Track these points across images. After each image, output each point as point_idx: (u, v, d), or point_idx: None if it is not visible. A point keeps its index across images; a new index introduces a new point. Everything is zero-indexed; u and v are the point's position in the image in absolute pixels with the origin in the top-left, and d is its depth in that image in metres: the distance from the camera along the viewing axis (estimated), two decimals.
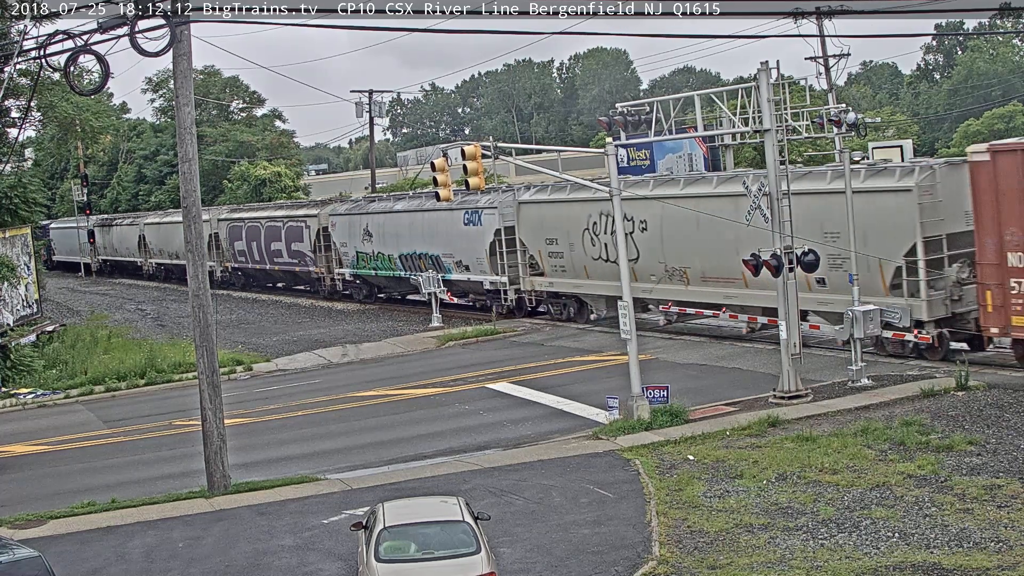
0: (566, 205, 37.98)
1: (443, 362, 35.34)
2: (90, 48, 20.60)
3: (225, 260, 60.55)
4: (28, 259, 43.56)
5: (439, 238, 43.01)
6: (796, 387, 25.20)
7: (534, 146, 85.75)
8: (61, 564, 17.24)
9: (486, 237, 40.68)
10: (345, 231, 49.65)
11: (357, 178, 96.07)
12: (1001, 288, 25.29)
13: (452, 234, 42.33)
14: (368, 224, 47.61)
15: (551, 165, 43.59)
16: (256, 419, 29.20)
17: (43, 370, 37.60)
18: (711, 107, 29.38)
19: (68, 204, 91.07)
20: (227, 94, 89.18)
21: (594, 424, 25.04)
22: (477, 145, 24.97)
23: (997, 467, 19.12)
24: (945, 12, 44.21)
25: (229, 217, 60.37)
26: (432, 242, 43.41)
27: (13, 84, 41.43)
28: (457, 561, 14.38)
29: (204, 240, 22.64)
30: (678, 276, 33.70)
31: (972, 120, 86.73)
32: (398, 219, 45.60)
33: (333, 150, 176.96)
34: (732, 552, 16.28)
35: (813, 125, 27.85)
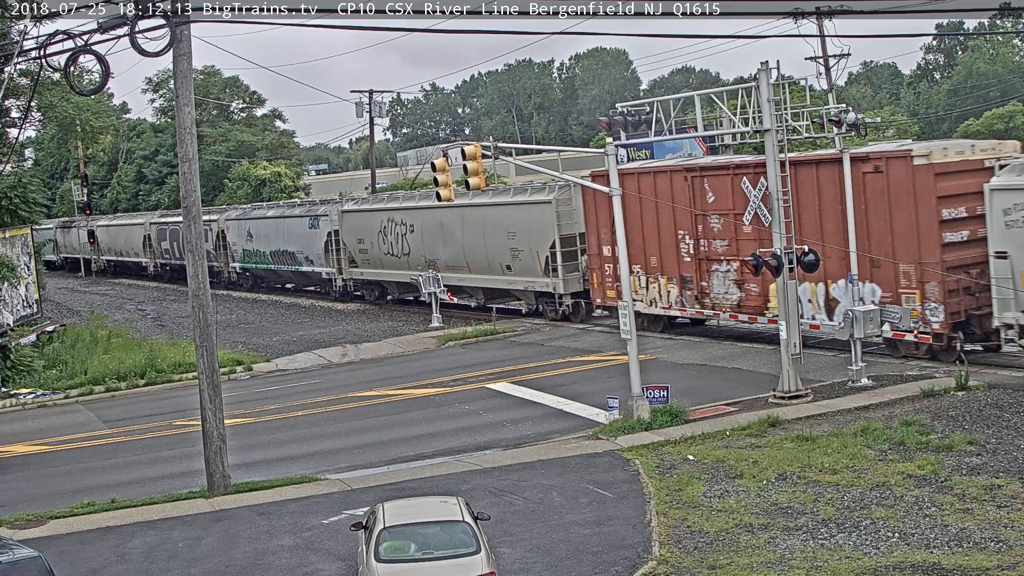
0: (369, 214, 49.27)
1: (443, 362, 35.34)
2: (90, 48, 20.60)
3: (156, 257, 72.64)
4: (28, 259, 43.57)
5: (294, 238, 54.75)
6: (796, 387, 25.20)
7: (534, 146, 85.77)
8: (61, 564, 17.24)
9: (322, 238, 52.04)
10: (235, 233, 60.58)
11: (357, 178, 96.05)
12: (600, 271, 36.79)
13: (302, 235, 54.02)
14: (250, 227, 58.95)
15: (551, 165, 43.85)
16: (256, 419, 29.20)
17: (43, 370, 37.59)
18: (711, 107, 29.38)
19: (68, 204, 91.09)
20: (227, 94, 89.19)
21: (594, 424, 25.04)
22: (477, 145, 25.00)
23: (997, 467, 19.12)
24: (945, 12, 44.22)
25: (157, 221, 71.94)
26: (290, 241, 55.10)
27: (13, 84, 41.43)
28: (457, 561, 14.38)
29: (203, 239, 22.64)
30: (435, 264, 44.28)
31: (972, 120, 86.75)
32: (269, 223, 56.72)
33: (333, 150, 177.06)
34: (732, 552, 16.29)
35: (813, 125, 27.82)
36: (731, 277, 32.25)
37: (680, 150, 54.29)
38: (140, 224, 73.60)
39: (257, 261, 59.12)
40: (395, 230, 46.98)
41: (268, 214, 57.50)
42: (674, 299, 34.27)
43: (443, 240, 43.90)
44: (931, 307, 26.91)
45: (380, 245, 48.10)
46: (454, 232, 43.29)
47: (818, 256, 25.34)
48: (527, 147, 44.63)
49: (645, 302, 35.08)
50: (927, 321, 27.01)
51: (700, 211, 32.74)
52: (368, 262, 49.62)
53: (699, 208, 32.76)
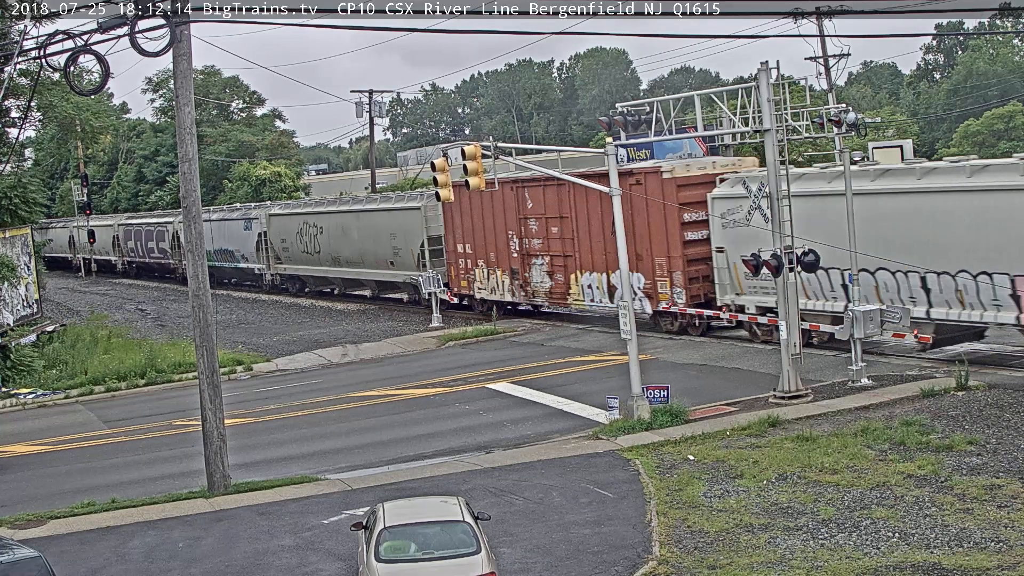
0: (289, 217, 56.20)
1: (443, 362, 35.35)
2: (90, 48, 20.60)
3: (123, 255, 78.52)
4: (28, 259, 43.57)
5: (232, 238, 61.74)
6: (796, 387, 25.20)
7: (534, 146, 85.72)
8: (61, 564, 17.24)
9: (254, 238, 58.97)
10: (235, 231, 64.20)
11: (357, 178, 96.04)
12: (455, 265, 43.82)
13: (239, 236, 60.90)
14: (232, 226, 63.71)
15: (551, 165, 43.96)
16: (256, 419, 29.20)
17: (43, 370, 37.60)
18: (711, 107, 29.39)
19: (68, 204, 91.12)
20: (227, 94, 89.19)
21: (594, 424, 25.04)
22: (477, 145, 25.03)
23: (997, 467, 19.11)
24: (945, 12, 44.22)
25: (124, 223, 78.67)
26: (230, 241, 61.95)
27: (13, 84, 41.42)
28: (457, 561, 14.37)
29: (203, 239, 22.68)
30: (339, 260, 51.77)
31: (972, 120, 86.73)
32: (213, 225, 62.10)
33: (333, 150, 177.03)
34: (732, 552, 16.29)
35: (813, 125, 27.83)
36: (545, 269, 39.22)
37: (680, 150, 54.25)
38: (110, 225, 79.73)
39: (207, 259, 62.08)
40: (309, 231, 54.12)
41: (213, 217, 62.97)
42: (507, 288, 41.27)
43: (345, 240, 51.20)
44: (677, 291, 33.89)
45: (298, 244, 55.49)
46: (352, 233, 50.44)
47: (818, 256, 25.35)
48: (527, 147, 44.65)
49: (487, 291, 42.26)
50: (674, 302, 34.09)
51: (522, 215, 39.71)
52: (290, 259, 57.07)
53: (522, 213, 39.71)
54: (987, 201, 25.74)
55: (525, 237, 39.62)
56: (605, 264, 35.77)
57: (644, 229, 34.20)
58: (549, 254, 38.62)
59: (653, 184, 33.84)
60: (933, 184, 27.16)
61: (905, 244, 27.21)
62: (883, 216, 27.67)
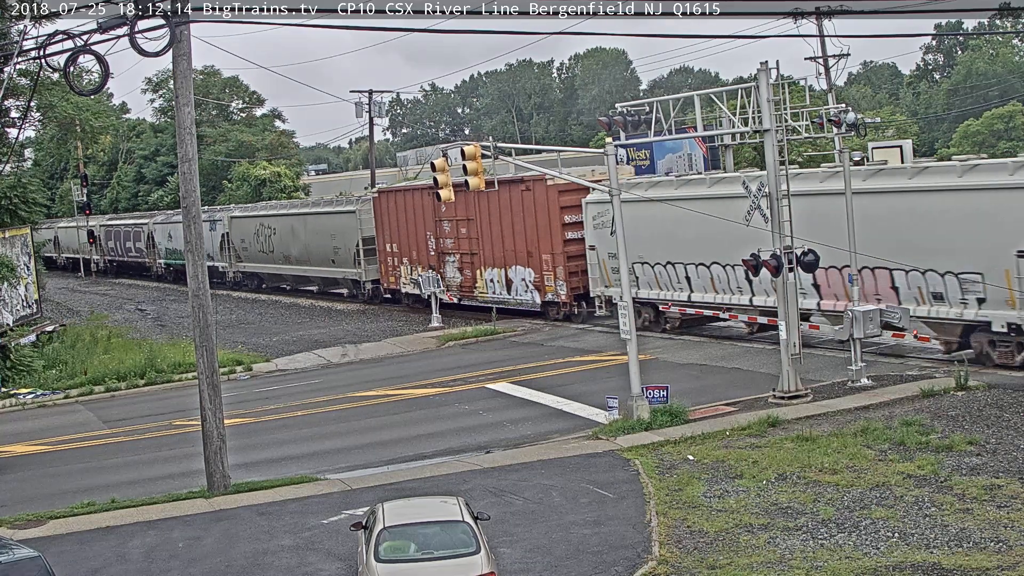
0: (247, 219, 60.82)
1: (443, 362, 35.34)
2: (90, 48, 20.60)
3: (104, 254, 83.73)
4: (28, 259, 43.57)
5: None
6: (796, 387, 25.21)
7: (534, 146, 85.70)
8: (61, 564, 17.24)
9: (218, 238, 63.39)
10: (161, 234, 71.93)
11: (357, 178, 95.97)
12: (385, 263, 48.47)
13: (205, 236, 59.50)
14: (170, 230, 69.26)
15: (551, 165, 44.03)
16: (256, 419, 29.20)
17: (43, 370, 37.60)
18: (711, 107, 29.39)
19: (68, 204, 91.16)
20: (227, 94, 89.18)
21: (594, 424, 25.04)
22: (477, 145, 25.02)
23: (997, 467, 19.11)
24: (945, 12, 44.21)
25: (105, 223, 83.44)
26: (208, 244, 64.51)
27: (13, 84, 41.41)
28: (457, 561, 14.37)
29: (203, 239, 22.67)
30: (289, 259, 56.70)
31: (972, 120, 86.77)
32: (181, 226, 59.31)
33: (333, 150, 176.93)
34: (732, 552, 16.29)
35: (813, 125, 27.86)
36: (456, 266, 43.75)
37: (680, 150, 54.32)
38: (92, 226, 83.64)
39: (176, 258, 68.31)
40: (264, 232, 58.92)
41: (174, 219, 67.59)
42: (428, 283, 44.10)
43: (294, 240, 56.16)
44: (560, 284, 38.68)
45: (255, 244, 60.30)
46: (300, 235, 55.50)
47: (817, 256, 25.36)
48: (527, 147, 44.71)
49: (411, 285, 46.13)
50: (558, 294, 38.91)
51: (438, 218, 43.97)
52: (248, 258, 61.80)
53: (437, 216, 43.88)
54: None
55: (440, 237, 44.31)
56: (503, 261, 40.77)
57: (533, 230, 39.06)
58: (459, 252, 43.33)
59: (540, 190, 38.48)
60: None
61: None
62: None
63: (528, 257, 39.13)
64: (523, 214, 38.94)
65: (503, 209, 39.80)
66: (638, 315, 34.12)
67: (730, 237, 29.50)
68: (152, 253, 73.47)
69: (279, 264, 58.35)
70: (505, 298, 40.97)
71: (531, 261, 39.16)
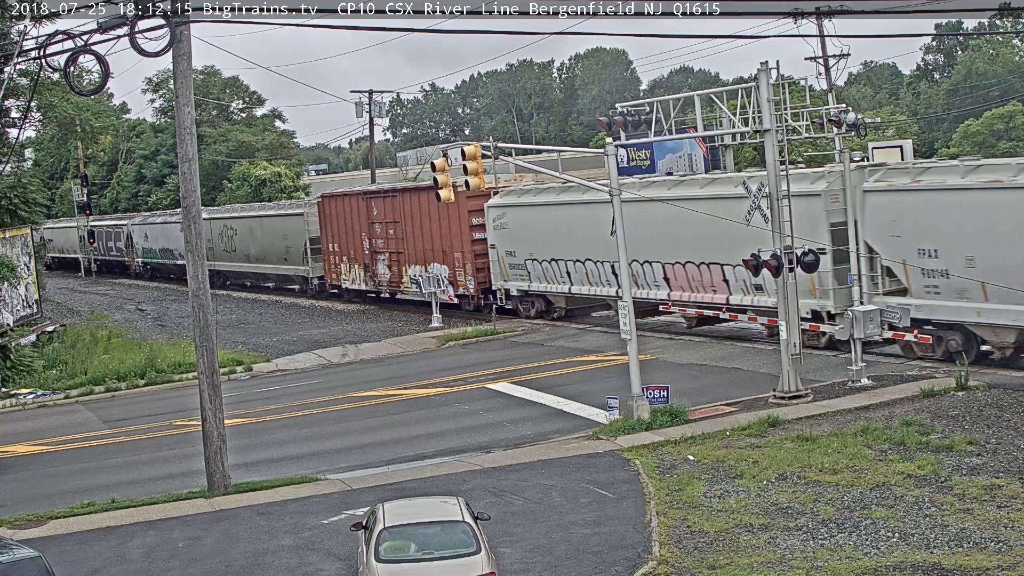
0: (212, 221, 63.13)
1: (443, 362, 35.34)
2: (90, 48, 20.60)
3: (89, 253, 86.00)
4: (28, 259, 43.56)
5: (172, 239, 68.54)
6: (796, 387, 25.21)
7: (534, 146, 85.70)
8: (61, 564, 17.24)
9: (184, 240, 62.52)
10: (139, 235, 76.26)
11: (357, 178, 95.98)
12: (328, 261, 52.55)
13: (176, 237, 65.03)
14: (147, 231, 74.99)
15: (551, 165, 44.24)
16: (256, 419, 29.20)
17: (43, 370, 37.59)
18: (711, 107, 29.40)
19: (68, 204, 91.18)
20: (227, 94, 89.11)
21: (594, 424, 25.04)
22: (477, 145, 25.02)
23: (997, 467, 19.12)
24: (945, 12, 44.21)
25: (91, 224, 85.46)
26: (169, 241, 69.66)
27: (13, 84, 41.41)
28: (457, 561, 14.37)
29: (203, 239, 22.68)
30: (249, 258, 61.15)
31: (972, 120, 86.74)
32: (157, 227, 72.91)
33: (333, 150, 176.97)
34: (732, 552, 16.29)
35: (813, 125, 27.85)
36: (386, 263, 48.00)
37: (680, 150, 54.32)
38: (76, 227, 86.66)
39: (152, 257, 74.93)
40: (228, 233, 63.28)
41: (157, 221, 73.23)
42: (362, 279, 50.05)
43: (252, 240, 60.51)
44: (469, 279, 42.75)
45: (220, 244, 63.71)
46: (257, 235, 59.86)
47: (817, 256, 25.39)
48: (527, 147, 44.70)
49: (350, 281, 51.23)
50: (468, 288, 42.99)
51: (371, 221, 48.45)
52: (214, 256, 62.55)
53: (370, 219, 48.54)
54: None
55: (372, 238, 48.67)
56: (424, 259, 45.11)
57: (447, 231, 43.40)
58: (388, 251, 47.71)
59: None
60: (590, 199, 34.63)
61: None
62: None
63: (444, 255, 43.75)
64: (439, 217, 43.45)
65: (423, 213, 44.56)
66: (531, 305, 41.31)
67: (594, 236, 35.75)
68: (131, 252, 78.43)
69: (241, 263, 62.78)
70: (415, 291, 46.30)
71: (446, 259, 43.64)
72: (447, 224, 43.15)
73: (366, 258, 49.23)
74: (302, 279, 56.98)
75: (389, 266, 47.56)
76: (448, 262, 43.41)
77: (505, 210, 40.20)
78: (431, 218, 43.93)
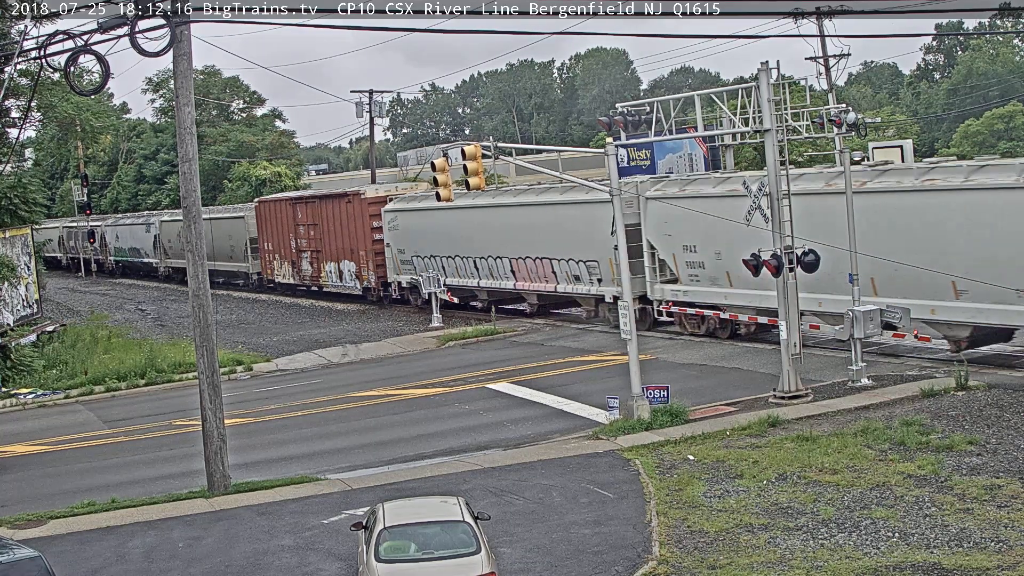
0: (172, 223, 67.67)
1: (443, 362, 35.34)
2: (90, 48, 20.60)
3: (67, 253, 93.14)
4: (28, 259, 43.55)
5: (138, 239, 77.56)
6: (796, 387, 25.20)
7: (534, 146, 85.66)
8: (61, 564, 17.24)
9: (151, 239, 75.51)
10: (111, 235, 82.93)
11: (357, 178, 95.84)
12: (264, 259, 58.56)
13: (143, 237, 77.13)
14: (117, 231, 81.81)
15: (551, 165, 44.31)
16: (256, 419, 29.20)
17: (43, 370, 37.58)
18: (711, 107, 29.39)
19: (68, 204, 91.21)
20: (227, 94, 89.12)
21: (594, 424, 25.03)
22: (477, 145, 25.00)
23: (997, 467, 19.12)
24: (945, 12, 44.19)
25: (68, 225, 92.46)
26: (137, 241, 78.05)
27: (13, 84, 41.40)
28: (457, 561, 14.37)
29: (203, 240, 22.67)
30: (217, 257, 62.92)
31: (972, 120, 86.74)
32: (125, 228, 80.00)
33: (333, 150, 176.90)
34: (732, 552, 16.28)
35: (813, 125, 27.85)
36: (308, 261, 54.25)
37: (680, 150, 54.35)
38: (56, 228, 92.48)
39: (122, 255, 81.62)
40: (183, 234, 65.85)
41: (126, 222, 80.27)
42: (290, 275, 56.44)
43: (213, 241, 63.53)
44: (371, 274, 49.09)
45: (177, 244, 67.40)
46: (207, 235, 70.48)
47: (818, 256, 25.39)
48: (527, 147, 44.74)
49: (281, 276, 57.43)
50: (370, 281, 49.49)
51: (296, 223, 54.78)
52: (174, 255, 70.85)
53: (296, 221, 54.84)
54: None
55: (298, 238, 55.00)
56: (337, 256, 51.63)
57: (355, 232, 49.88)
58: (310, 250, 53.95)
59: (357, 202, 49.78)
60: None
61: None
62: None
63: (352, 253, 50.39)
64: (348, 220, 50.31)
65: (336, 217, 51.36)
66: (418, 296, 46.24)
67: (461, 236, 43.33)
68: (104, 251, 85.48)
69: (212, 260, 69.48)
70: (339, 284, 52.20)
71: (354, 256, 50.31)
72: (354, 226, 49.74)
73: (293, 256, 55.75)
74: (244, 275, 63.31)
75: (311, 263, 54.18)
76: (356, 259, 50.25)
77: (397, 214, 47.18)
78: (342, 222, 50.79)
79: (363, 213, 48.77)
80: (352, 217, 49.69)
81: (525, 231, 40.21)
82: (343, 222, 50.58)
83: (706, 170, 48.89)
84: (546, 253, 39.35)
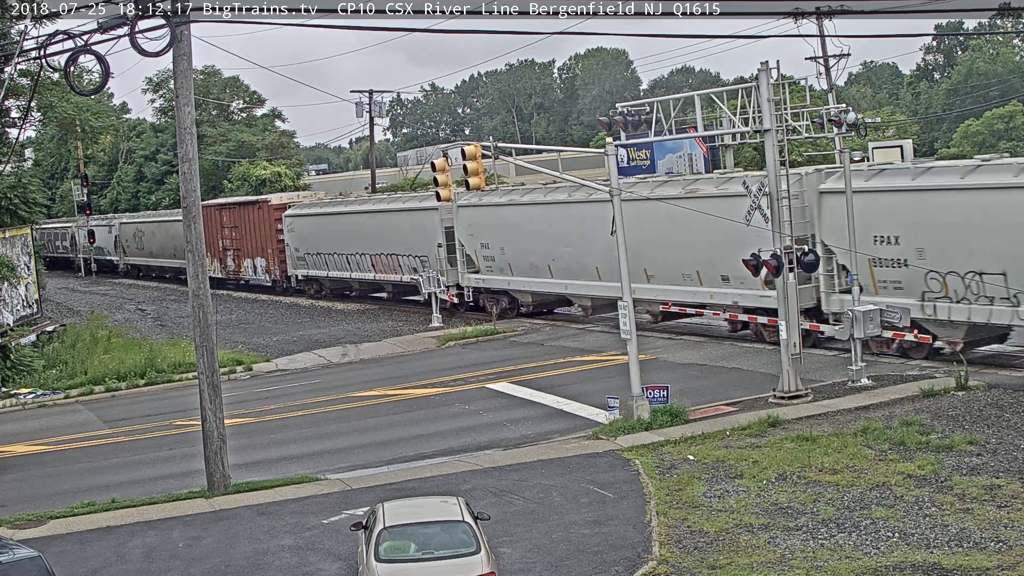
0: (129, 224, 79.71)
1: (443, 362, 35.34)
2: (90, 48, 20.59)
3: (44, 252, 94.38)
4: (28, 259, 43.54)
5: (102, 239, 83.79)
6: (796, 387, 25.20)
7: (534, 146, 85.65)
8: (61, 564, 17.25)
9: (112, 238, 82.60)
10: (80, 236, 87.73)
11: (357, 178, 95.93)
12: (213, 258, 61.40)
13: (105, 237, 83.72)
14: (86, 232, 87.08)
15: (551, 165, 44.34)
16: (256, 419, 29.20)
17: (43, 370, 37.57)
18: (711, 107, 29.40)
19: (68, 204, 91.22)
20: (227, 94, 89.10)
21: (594, 424, 25.03)
22: (477, 145, 25.00)
23: (997, 467, 19.12)
24: (945, 12, 44.18)
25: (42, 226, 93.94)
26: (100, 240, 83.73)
27: (13, 84, 41.39)
28: (457, 561, 14.37)
29: (202, 240, 22.68)
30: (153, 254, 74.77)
31: (972, 120, 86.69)
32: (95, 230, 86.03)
33: (333, 150, 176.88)
34: (732, 552, 16.29)
35: (813, 125, 27.84)
36: (232, 257, 61.97)
37: (680, 150, 54.35)
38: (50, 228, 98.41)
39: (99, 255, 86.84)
40: (139, 234, 77.97)
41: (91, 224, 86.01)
42: (219, 270, 62.47)
43: (154, 240, 74.70)
44: (276, 268, 57.18)
45: (134, 243, 78.93)
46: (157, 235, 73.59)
47: (818, 256, 25.40)
48: (527, 147, 44.74)
49: (212, 271, 58.72)
50: (277, 275, 57.60)
51: (222, 226, 61.88)
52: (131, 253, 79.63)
53: (222, 224, 61.99)
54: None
55: (223, 239, 62.46)
56: (252, 253, 60.16)
57: (265, 233, 58.21)
58: (233, 249, 62.03)
59: (266, 208, 58.17)
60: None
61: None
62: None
63: (263, 251, 58.88)
64: (260, 224, 58.76)
65: (251, 220, 59.79)
66: (310, 286, 55.81)
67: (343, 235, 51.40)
68: (74, 250, 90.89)
69: (148, 258, 76.79)
70: (254, 277, 60.71)
71: (264, 253, 58.80)
72: (264, 229, 58.35)
73: (220, 254, 63.16)
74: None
75: (234, 259, 62.34)
76: (266, 256, 58.88)
77: (294, 219, 55.86)
78: (255, 225, 59.40)
79: (270, 218, 57.52)
80: (262, 221, 58.53)
81: (380, 233, 48.87)
82: (256, 225, 59.39)
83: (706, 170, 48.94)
84: (395, 250, 47.64)
